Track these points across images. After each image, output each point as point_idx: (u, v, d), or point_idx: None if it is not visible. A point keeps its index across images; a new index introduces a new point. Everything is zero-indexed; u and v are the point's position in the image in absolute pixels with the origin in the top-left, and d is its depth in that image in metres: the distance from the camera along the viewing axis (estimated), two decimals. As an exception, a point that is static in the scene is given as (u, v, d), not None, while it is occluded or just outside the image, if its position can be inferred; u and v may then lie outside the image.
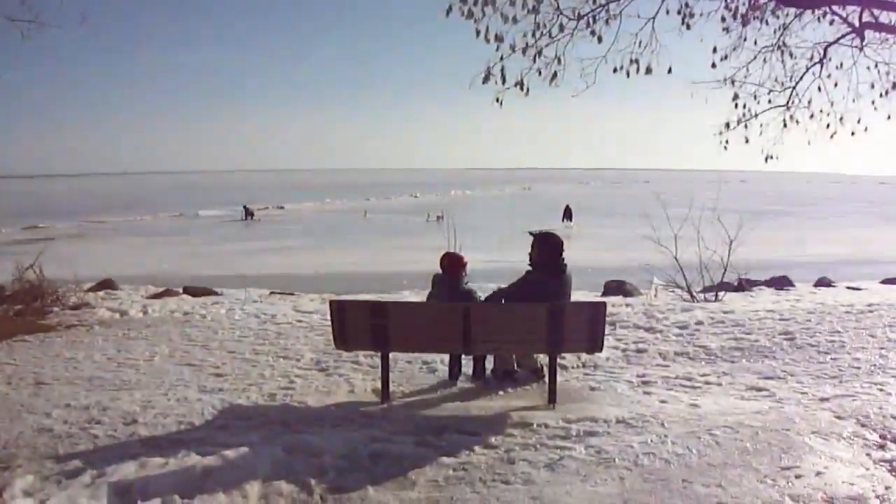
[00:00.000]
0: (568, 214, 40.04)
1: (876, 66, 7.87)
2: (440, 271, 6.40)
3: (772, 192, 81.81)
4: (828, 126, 8.14)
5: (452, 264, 6.36)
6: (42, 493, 3.93)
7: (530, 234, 6.20)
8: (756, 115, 8.18)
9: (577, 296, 7.25)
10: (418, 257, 18.88)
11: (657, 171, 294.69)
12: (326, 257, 26.36)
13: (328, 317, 6.17)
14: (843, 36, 7.74)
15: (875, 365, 6.51)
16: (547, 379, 5.72)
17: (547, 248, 6.04)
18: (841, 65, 8.01)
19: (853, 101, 8.03)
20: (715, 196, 14.52)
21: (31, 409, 5.76)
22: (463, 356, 6.40)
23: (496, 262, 17.34)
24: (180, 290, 14.39)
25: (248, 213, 48.93)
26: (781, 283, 14.55)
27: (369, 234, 36.29)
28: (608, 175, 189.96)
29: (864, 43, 7.63)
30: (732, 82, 8.03)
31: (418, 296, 11.09)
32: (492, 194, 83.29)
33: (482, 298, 6.22)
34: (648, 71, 7.22)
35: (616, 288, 13.66)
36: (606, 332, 5.88)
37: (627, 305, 10.19)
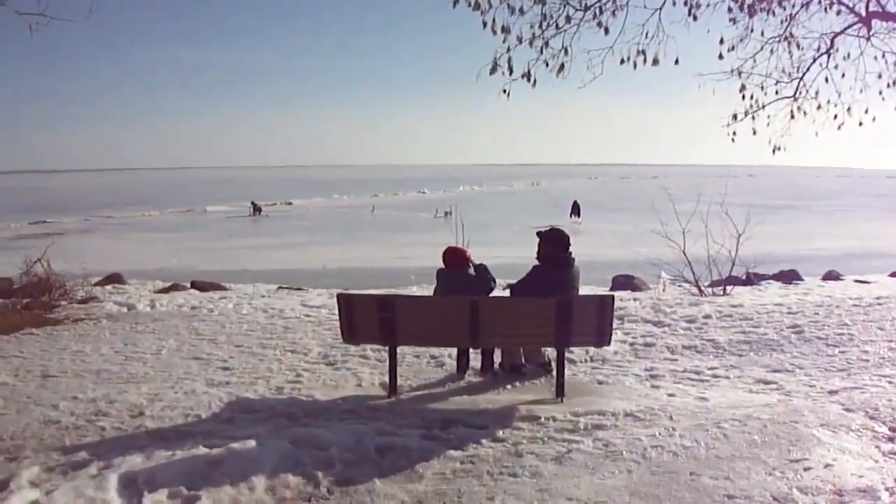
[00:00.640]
0: (576, 210, 39.94)
1: (883, 55, 7.78)
2: (443, 266, 6.39)
3: (779, 187, 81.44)
4: (835, 117, 8.07)
5: (454, 259, 6.35)
6: (48, 484, 3.94)
7: (537, 234, 6.20)
8: (763, 107, 8.11)
9: (584, 290, 7.21)
10: (426, 253, 18.83)
11: (665, 167, 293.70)
12: (334, 252, 26.34)
13: (336, 311, 6.17)
14: (849, 26, 7.65)
15: (884, 357, 6.47)
16: (555, 373, 5.70)
17: (554, 243, 6.03)
18: (848, 55, 7.93)
19: (861, 91, 7.94)
20: (723, 190, 14.42)
21: (39, 401, 5.79)
22: (471, 350, 6.39)
23: (504, 259, 17.32)
24: (188, 285, 14.45)
25: (256, 209, 49.04)
26: (789, 276, 14.47)
27: (377, 230, 36.27)
28: (616, 170, 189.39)
29: (871, 33, 7.55)
30: (739, 73, 7.95)
31: (426, 291, 11.09)
32: (499, 190, 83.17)
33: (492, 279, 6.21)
34: (655, 62, 7.16)
35: (624, 282, 13.62)
36: (614, 326, 5.87)
37: (635, 300, 10.16)
